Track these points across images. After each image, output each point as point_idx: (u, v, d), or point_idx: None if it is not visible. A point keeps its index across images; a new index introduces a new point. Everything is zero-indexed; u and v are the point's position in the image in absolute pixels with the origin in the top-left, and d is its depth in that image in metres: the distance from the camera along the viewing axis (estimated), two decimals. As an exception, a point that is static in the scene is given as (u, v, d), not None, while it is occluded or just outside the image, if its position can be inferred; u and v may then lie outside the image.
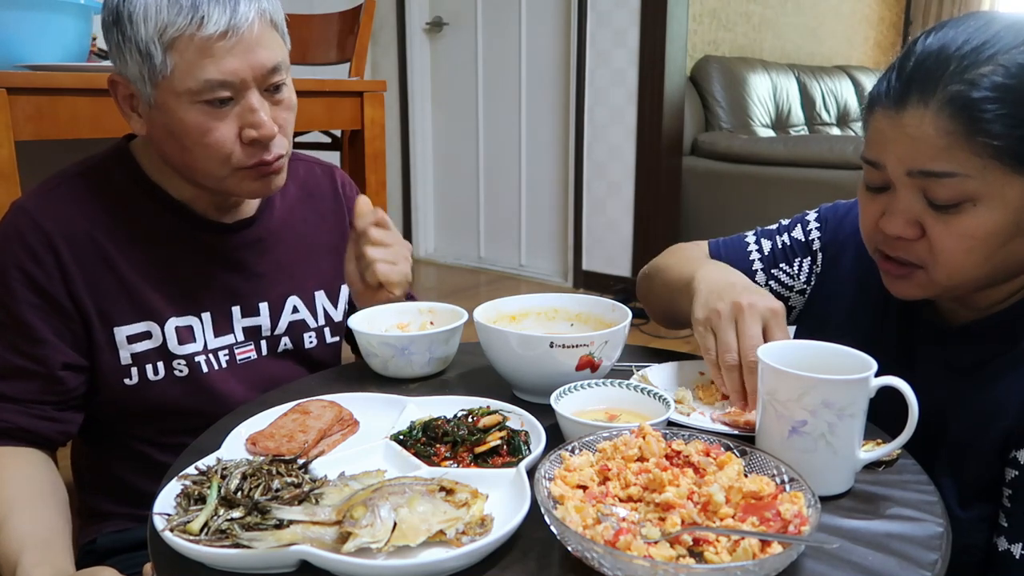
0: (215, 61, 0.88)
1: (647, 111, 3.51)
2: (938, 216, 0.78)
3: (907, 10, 6.20)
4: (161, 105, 0.91)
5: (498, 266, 4.31)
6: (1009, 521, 0.78)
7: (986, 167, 0.74)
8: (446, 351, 1.00)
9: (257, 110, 0.92)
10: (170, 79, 0.89)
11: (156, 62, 0.88)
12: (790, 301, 1.07)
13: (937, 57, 0.76)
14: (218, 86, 0.89)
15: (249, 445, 0.78)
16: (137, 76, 0.91)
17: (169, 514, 0.63)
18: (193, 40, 0.87)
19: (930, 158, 0.76)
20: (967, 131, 0.74)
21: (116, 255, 0.98)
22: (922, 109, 0.75)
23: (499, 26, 4.01)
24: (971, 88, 0.73)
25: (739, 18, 4.31)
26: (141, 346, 1.00)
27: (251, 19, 0.89)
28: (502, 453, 0.75)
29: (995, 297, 0.85)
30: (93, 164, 1.02)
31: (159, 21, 0.87)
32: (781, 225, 1.09)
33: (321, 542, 0.58)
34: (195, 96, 0.89)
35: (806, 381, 0.68)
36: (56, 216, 0.96)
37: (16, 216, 0.96)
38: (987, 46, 0.74)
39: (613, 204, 3.72)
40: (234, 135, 0.93)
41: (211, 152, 0.93)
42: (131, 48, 0.89)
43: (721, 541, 0.58)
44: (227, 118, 0.92)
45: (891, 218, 0.81)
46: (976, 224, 0.76)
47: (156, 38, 0.87)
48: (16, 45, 1.69)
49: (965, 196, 0.76)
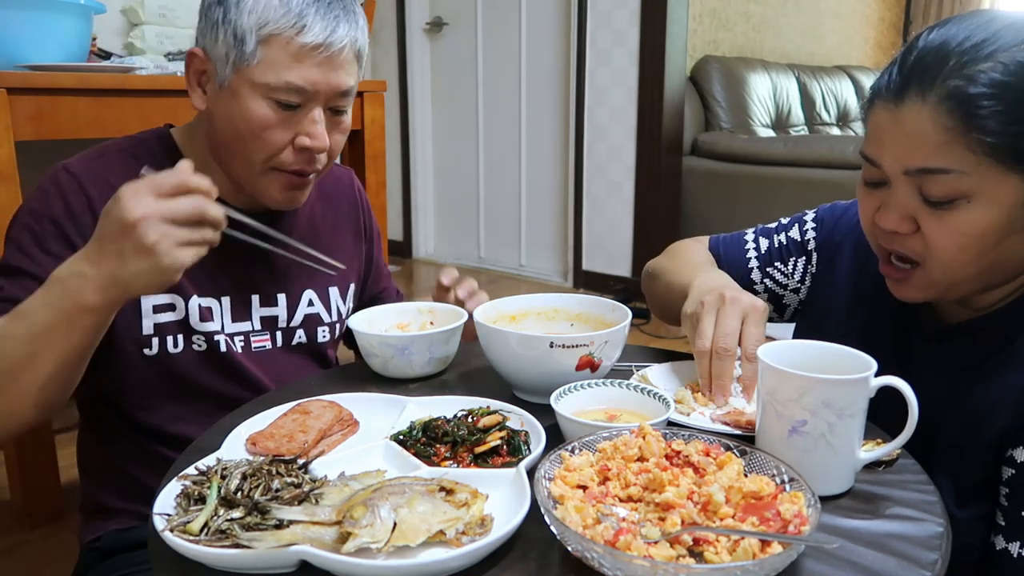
0: (301, 67, 0.94)
1: (647, 111, 3.51)
2: (932, 212, 0.78)
3: (907, 10, 6.20)
4: (234, 89, 0.96)
5: (498, 266, 4.32)
6: (1006, 520, 0.78)
7: (981, 164, 0.74)
8: (446, 351, 1.00)
9: (317, 123, 0.98)
10: (253, 69, 0.94)
11: (247, 50, 0.94)
12: (784, 299, 1.08)
13: (938, 52, 0.76)
14: (294, 91, 0.95)
15: (249, 445, 0.78)
16: (221, 56, 0.95)
17: (169, 514, 0.63)
18: (288, 42, 0.93)
19: (926, 154, 0.76)
20: (963, 127, 0.74)
21: None
22: (920, 103, 0.76)
23: (499, 26, 4.01)
24: (969, 84, 0.73)
25: (739, 18, 4.31)
26: (164, 317, 1.02)
27: (344, 43, 0.96)
28: (502, 453, 0.75)
29: (992, 297, 0.86)
30: (137, 142, 1.06)
31: (263, 15, 0.93)
32: (780, 224, 1.10)
33: (321, 542, 0.58)
34: (270, 92, 0.95)
35: (806, 381, 0.68)
36: (100, 181, 0.98)
37: (59, 174, 0.99)
38: (988, 43, 0.74)
39: (613, 204, 3.72)
40: (288, 139, 0.98)
41: (262, 145, 0.97)
42: (227, 29, 0.94)
43: (721, 541, 0.58)
44: (288, 122, 0.97)
45: (886, 213, 0.81)
46: (969, 221, 0.77)
47: (255, 29, 0.93)
48: (16, 45, 1.69)
49: (959, 193, 0.76)
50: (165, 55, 2.21)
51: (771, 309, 1.09)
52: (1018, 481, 0.78)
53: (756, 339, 0.85)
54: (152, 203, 0.76)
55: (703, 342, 0.86)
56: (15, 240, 0.97)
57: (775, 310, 1.09)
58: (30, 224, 0.97)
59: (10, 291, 0.93)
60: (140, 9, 2.29)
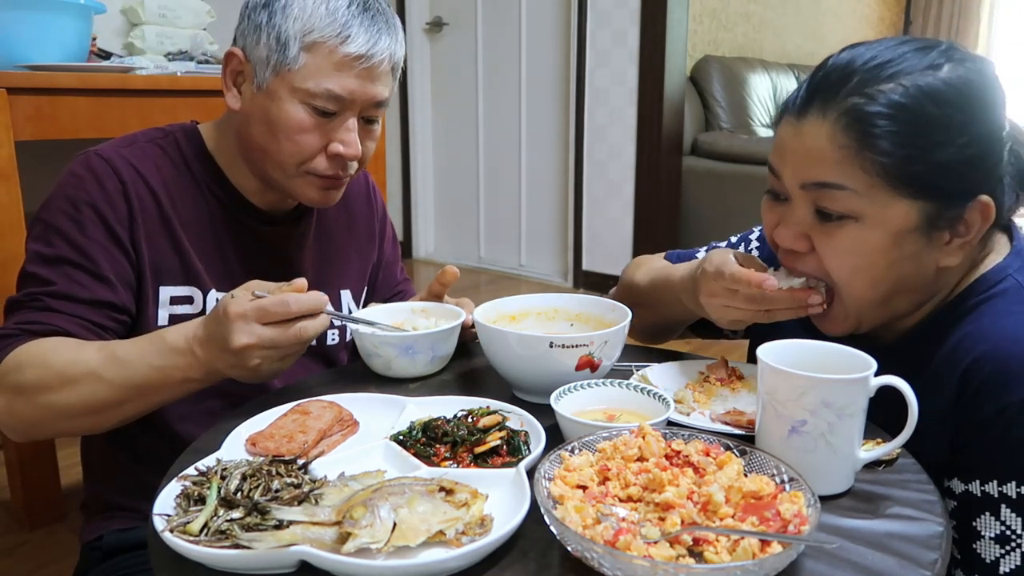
0: (341, 76, 0.96)
1: (647, 111, 3.52)
2: (823, 229, 0.79)
3: (907, 10, 6.20)
4: (272, 92, 0.97)
5: (498, 266, 4.32)
6: (962, 555, 0.77)
7: (872, 186, 0.76)
8: (447, 349, 1.00)
9: (351, 131, 1.00)
10: (294, 74, 0.95)
11: (289, 55, 0.95)
12: None
13: (843, 70, 0.77)
14: (333, 98, 0.96)
15: (249, 446, 0.78)
16: (261, 59, 0.97)
17: (169, 515, 0.63)
18: (332, 51, 0.95)
19: (822, 169, 0.77)
20: (858, 145, 0.75)
21: (175, 220, 1.02)
22: (820, 119, 0.77)
23: (499, 26, 4.01)
24: (868, 102, 0.75)
25: (739, 18, 4.31)
26: (182, 309, 1.03)
27: (384, 56, 0.98)
28: (502, 453, 0.75)
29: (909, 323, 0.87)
30: (166, 135, 1.07)
31: (309, 22, 0.94)
32: (730, 242, 1.12)
33: (321, 542, 0.58)
34: (309, 97, 0.96)
35: (806, 381, 0.68)
36: (132, 170, 1.00)
37: (92, 160, 0.99)
38: (892, 64, 0.76)
39: (613, 204, 3.72)
40: (322, 144, 0.99)
41: (296, 149, 0.98)
42: (271, 33, 0.95)
43: (721, 541, 0.58)
44: (323, 128, 0.98)
45: (783, 229, 0.83)
46: (857, 241, 0.78)
47: (300, 35, 0.94)
48: (16, 45, 1.70)
49: (850, 211, 0.77)
50: (165, 55, 2.21)
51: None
52: (963, 512, 0.77)
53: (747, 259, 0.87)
54: (258, 332, 0.80)
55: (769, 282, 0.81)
56: (53, 227, 0.96)
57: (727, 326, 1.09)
58: (68, 210, 0.96)
59: (61, 285, 0.94)
60: (140, 9, 2.29)
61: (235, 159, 1.06)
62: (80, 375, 0.85)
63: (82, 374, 0.85)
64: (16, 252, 1.60)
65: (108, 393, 0.86)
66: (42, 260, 0.95)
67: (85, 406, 0.87)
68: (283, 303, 0.81)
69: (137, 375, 0.85)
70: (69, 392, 0.85)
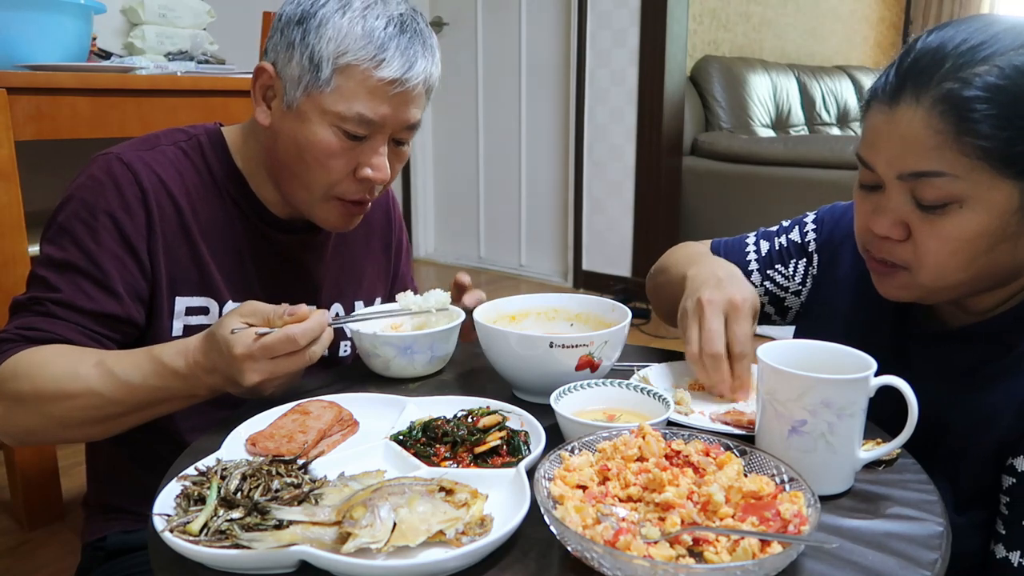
0: (373, 100, 0.93)
1: (647, 111, 3.52)
2: (924, 217, 0.78)
3: (907, 10, 6.20)
4: (302, 113, 0.95)
5: (498, 266, 4.32)
6: (1007, 529, 0.78)
7: (974, 169, 0.74)
8: (447, 349, 1.00)
9: (382, 155, 0.97)
10: (325, 96, 0.93)
11: (321, 76, 0.92)
12: (786, 302, 1.08)
13: (934, 55, 0.75)
14: (364, 122, 0.94)
15: (249, 445, 0.78)
16: (293, 78, 0.94)
17: (169, 515, 0.63)
18: (365, 74, 0.92)
19: (919, 158, 0.76)
20: (956, 130, 0.73)
21: (194, 228, 1.00)
22: (914, 106, 0.75)
23: (499, 26, 4.01)
24: (963, 87, 0.73)
25: (739, 18, 4.31)
26: (196, 319, 1.01)
27: (419, 79, 0.95)
28: (502, 453, 0.75)
29: (989, 302, 0.85)
30: (189, 137, 1.04)
31: (343, 44, 0.91)
32: (781, 227, 1.10)
33: (321, 542, 0.58)
34: (338, 120, 0.94)
35: (806, 381, 0.68)
36: (153, 176, 0.97)
37: (113, 164, 0.96)
38: (984, 46, 0.74)
39: (613, 204, 3.72)
40: (350, 168, 0.97)
41: (323, 173, 0.96)
42: (304, 52, 0.93)
43: (721, 541, 0.58)
44: (351, 151, 0.96)
45: (879, 217, 0.81)
46: (961, 226, 0.76)
47: (333, 56, 0.91)
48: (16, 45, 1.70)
49: (952, 198, 0.75)
50: (165, 55, 2.21)
51: (773, 312, 1.09)
52: (1018, 490, 0.77)
53: (741, 336, 0.86)
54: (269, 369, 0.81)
55: (691, 348, 0.87)
56: (68, 232, 0.94)
57: (777, 312, 1.09)
58: (83, 216, 0.94)
59: (67, 293, 0.92)
60: (140, 9, 2.29)
61: (258, 169, 1.04)
62: (78, 391, 0.85)
63: (80, 390, 0.85)
64: (16, 252, 1.60)
65: (109, 408, 0.86)
66: (52, 264, 0.93)
67: (84, 419, 0.86)
68: (290, 341, 0.81)
69: (138, 394, 0.85)
70: (67, 404, 0.85)
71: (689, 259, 1.06)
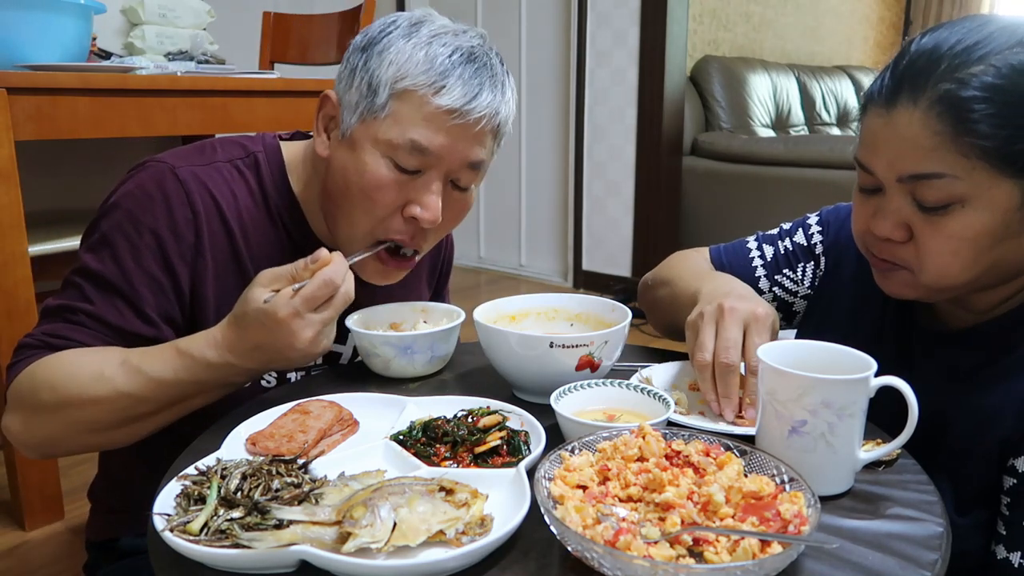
0: (429, 129, 0.88)
1: (647, 111, 3.52)
2: (926, 218, 0.78)
3: (907, 10, 6.20)
4: (354, 140, 0.91)
5: (498, 266, 4.32)
6: (1008, 530, 0.78)
7: (974, 168, 0.74)
8: (447, 349, 1.00)
9: (434, 193, 0.91)
10: (380, 123, 0.89)
11: (378, 102, 0.89)
12: (794, 306, 1.07)
13: (930, 56, 0.76)
14: (417, 150, 0.89)
15: (249, 445, 0.78)
16: (351, 104, 0.91)
17: (169, 514, 0.63)
18: (423, 101, 0.88)
19: (918, 160, 0.76)
20: (954, 131, 0.73)
21: (245, 255, 0.97)
22: (911, 108, 0.75)
23: (499, 26, 4.01)
24: (961, 87, 0.73)
25: (739, 18, 4.31)
26: None
27: (483, 112, 0.90)
28: (502, 453, 0.75)
29: (992, 300, 0.85)
30: (247, 154, 1.00)
31: (404, 68, 0.88)
32: (782, 230, 1.09)
33: (321, 542, 0.58)
34: (390, 149, 0.89)
35: (806, 381, 0.68)
36: (207, 196, 0.94)
37: (167, 179, 0.92)
38: (980, 46, 0.74)
39: (613, 204, 3.72)
40: (399, 204, 0.92)
41: (370, 206, 0.91)
42: (363, 78, 0.90)
43: (721, 541, 0.58)
44: (403, 186, 0.91)
45: (880, 219, 0.81)
46: (964, 226, 0.76)
47: (391, 81, 0.88)
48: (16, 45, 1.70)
49: (953, 198, 0.75)
50: (165, 55, 2.22)
51: (780, 317, 1.07)
52: (1019, 491, 0.78)
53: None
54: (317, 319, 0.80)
55: (703, 355, 0.82)
56: (109, 242, 0.91)
57: (783, 317, 1.08)
58: (128, 230, 0.90)
59: (99, 306, 0.89)
60: (140, 9, 2.29)
61: (315, 197, 1.01)
62: (106, 394, 0.82)
63: (107, 393, 0.82)
64: (16, 252, 1.60)
65: (139, 408, 0.84)
66: (89, 275, 0.90)
67: (113, 421, 0.84)
68: (328, 284, 0.79)
69: (170, 391, 0.84)
70: (94, 409, 0.83)
71: (697, 275, 1.03)
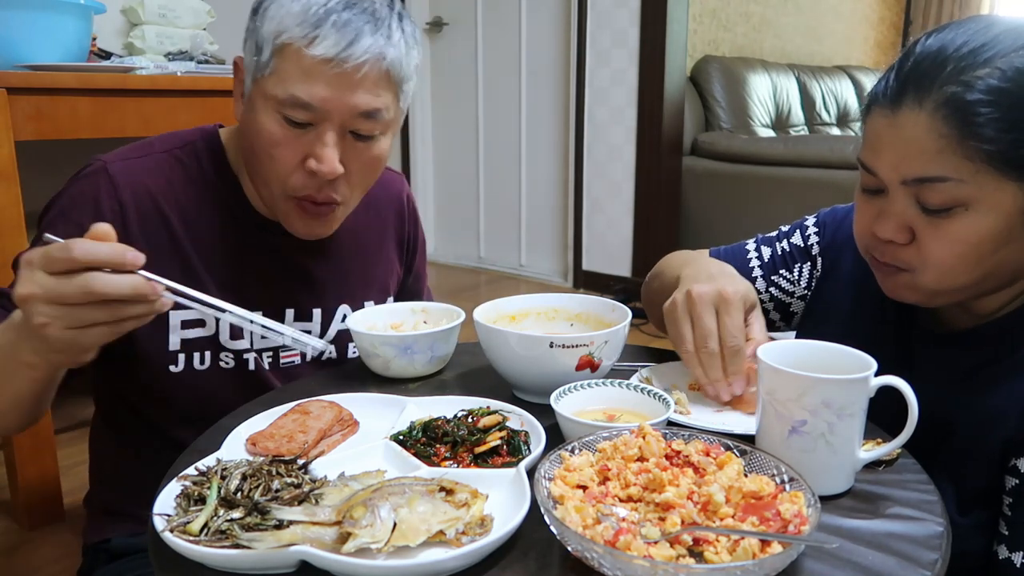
0: (308, 82, 0.87)
1: (647, 111, 3.51)
2: (929, 221, 0.77)
3: (907, 10, 6.20)
4: (251, 101, 0.93)
5: (498, 266, 4.31)
6: (1010, 530, 0.78)
7: (978, 171, 0.74)
8: (446, 349, 1.00)
9: (326, 145, 0.90)
10: (267, 80, 0.90)
11: (263, 59, 0.90)
12: (792, 307, 1.07)
13: (935, 58, 0.75)
14: (299, 106, 0.88)
15: (249, 445, 0.78)
16: (249, 66, 0.93)
17: (169, 515, 0.63)
18: (299, 54, 0.87)
19: (923, 162, 0.75)
20: (960, 134, 0.73)
21: (185, 239, 0.98)
22: (917, 110, 0.75)
23: (499, 26, 4.01)
24: (966, 90, 0.72)
25: (739, 18, 4.31)
26: (193, 333, 0.99)
27: (364, 58, 0.87)
28: (502, 453, 0.75)
29: (994, 303, 0.85)
30: (184, 144, 1.02)
31: (281, 24, 0.88)
32: (781, 232, 1.09)
33: (321, 542, 0.58)
34: (279, 106, 0.89)
35: (806, 381, 0.68)
36: (136, 187, 0.95)
37: (99, 175, 0.95)
38: (985, 48, 0.73)
39: (613, 204, 3.72)
40: (298, 159, 0.92)
41: (272, 165, 0.93)
42: (253, 39, 0.91)
43: (721, 541, 0.58)
44: (296, 140, 0.91)
45: (883, 222, 0.81)
46: (968, 229, 0.76)
47: (272, 38, 0.89)
48: (16, 45, 1.70)
49: (957, 201, 0.75)
50: (165, 55, 2.21)
51: (778, 318, 1.08)
52: (1021, 491, 0.77)
53: (733, 329, 0.83)
54: (39, 280, 0.66)
55: (685, 346, 0.85)
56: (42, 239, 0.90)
57: (782, 319, 1.08)
58: (58, 225, 0.93)
59: None
60: (140, 9, 2.29)
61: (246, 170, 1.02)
62: None
63: None
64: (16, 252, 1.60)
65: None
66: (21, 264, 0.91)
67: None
68: (65, 248, 0.65)
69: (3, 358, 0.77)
70: None
71: (684, 262, 1.05)
